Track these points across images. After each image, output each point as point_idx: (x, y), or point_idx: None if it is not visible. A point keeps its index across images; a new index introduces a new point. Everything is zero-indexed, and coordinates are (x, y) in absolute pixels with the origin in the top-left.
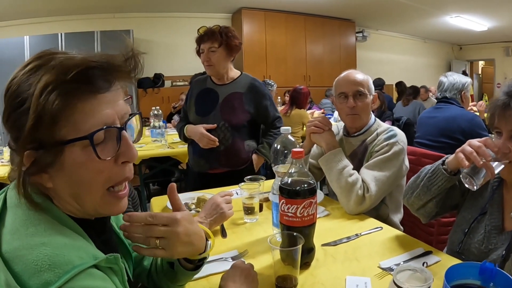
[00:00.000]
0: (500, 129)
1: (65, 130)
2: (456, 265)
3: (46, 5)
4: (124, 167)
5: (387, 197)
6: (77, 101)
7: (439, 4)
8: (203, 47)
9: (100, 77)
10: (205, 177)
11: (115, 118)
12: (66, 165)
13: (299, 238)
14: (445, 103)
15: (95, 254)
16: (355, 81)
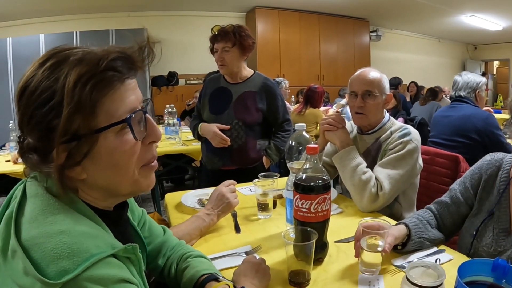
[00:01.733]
0: None
1: (100, 117)
2: (469, 261)
3: (62, 3)
4: (151, 147)
5: (400, 195)
6: (109, 90)
7: (454, 3)
8: (217, 47)
9: (124, 66)
10: (218, 174)
11: (138, 103)
12: (102, 152)
13: (312, 233)
14: (459, 102)
15: (113, 243)
16: (366, 81)
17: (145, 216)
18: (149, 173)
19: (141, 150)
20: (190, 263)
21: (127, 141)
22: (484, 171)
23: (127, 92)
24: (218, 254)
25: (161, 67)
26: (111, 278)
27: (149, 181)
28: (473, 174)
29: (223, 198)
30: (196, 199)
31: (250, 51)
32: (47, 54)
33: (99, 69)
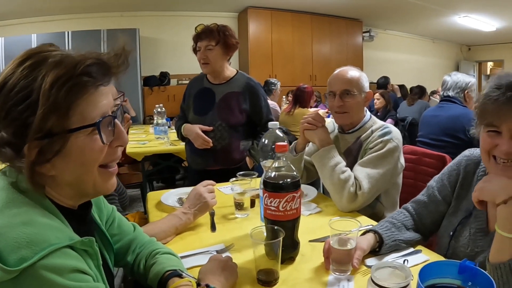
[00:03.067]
0: (498, 128)
1: (73, 119)
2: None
3: (54, 3)
4: (116, 150)
5: (382, 195)
6: (83, 94)
7: (448, 4)
8: (200, 45)
9: (100, 73)
10: (204, 174)
11: (109, 108)
12: (72, 151)
13: (279, 231)
14: (448, 102)
15: (71, 235)
16: (343, 80)
17: (115, 213)
18: (108, 178)
19: (108, 152)
20: (157, 260)
21: (96, 143)
22: (463, 168)
23: (100, 97)
24: (191, 252)
25: (153, 67)
26: (66, 267)
27: (108, 185)
28: (451, 171)
29: (200, 197)
30: (177, 198)
31: (233, 51)
32: (26, 54)
33: (76, 73)
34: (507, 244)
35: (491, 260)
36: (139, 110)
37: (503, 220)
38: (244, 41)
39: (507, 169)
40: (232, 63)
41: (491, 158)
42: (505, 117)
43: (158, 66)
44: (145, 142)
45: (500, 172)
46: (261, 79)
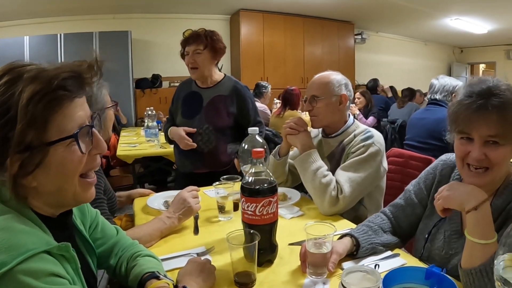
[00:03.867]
0: (470, 135)
1: (51, 132)
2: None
3: (46, 5)
4: (95, 158)
5: (365, 198)
6: (59, 107)
7: (439, 6)
8: (188, 50)
9: (74, 85)
10: (191, 177)
11: (85, 118)
12: (52, 162)
13: (255, 235)
14: (435, 105)
15: (48, 241)
16: (312, 86)
17: (98, 218)
18: (87, 187)
19: (87, 161)
20: (138, 262)
21: (74, 154)
22: (439, 172)
23: (76, 108)
24: (173, 255)
25: (145, 70)
26: (43, 272)
27: (88, 195)
28: (427, 174)
29: (185, 202)
30: (163, 201)
31: (221, 55)
32: (3, 70)
33: (51, 88)
34: (477, 250)
35: (463, 265)
36: (131, 112)
37: (473, 226)
38: (236, 43)
39: (479, 176)
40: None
41: (464, 165)
42: (476, 124)
43: (150, 69)
44: (136, 145)
45: (472, 179)
46: (252, 81)
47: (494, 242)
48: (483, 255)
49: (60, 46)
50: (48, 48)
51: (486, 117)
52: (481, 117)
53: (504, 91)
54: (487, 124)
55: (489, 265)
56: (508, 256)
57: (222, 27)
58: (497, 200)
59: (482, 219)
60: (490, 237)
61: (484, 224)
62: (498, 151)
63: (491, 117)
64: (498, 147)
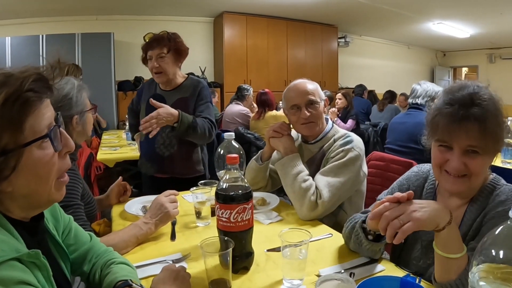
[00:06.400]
0: (449, 144)
1: (26, 133)
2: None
3: (28, 6)
4: (66, 158)
5: (346, 203)
6: (32, 108)
7: (422, 11)
8: (151, 54)
9: (41, 87)
10: (153, 180)
11: (52, 119)
12: (27, 164)
13: (229, 242)
14: (415, 109)
15: (17, 248)
16: (306, 91)
17: (71, 223)
18: (61, 186)
19: (59, 162)
20: (111, 269)
21: (48, 153)
22: (412, 183)
23: (45, 109)
24: (148, 262)
25: (127, 72)
26: (12, 280)
27: (62, 192)
28: (400, 185)
29: (162, 207)
30: (141, 206)
31: (184, 57)
32: None
33: (22, 90)
34: (452, 264)
35: (439, 279)
36: (112, 115)
37: (445, 242)
38: (219, 46)
39: (457, 181)
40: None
41: (442, 171)
42: (456, 134)
43: (132, 71)
44: (117, 148)
45: (452, 185)
46: (235, 84)
47: (465, 254)
48: (458, 268)
49: (42, 47)
50: (30, 49)
51: (467, 127)
52: (462, 128)
53: (485, 100)
54: (467, 135)
55: (464, 277)
56: (483, 266)
57: (205, 29)
58: (472, 206)
59: (454, 234)
60: (461, 250)
61: (456, 239)
62: (477, 160)
63: (472, 128)
64: (477, 156)
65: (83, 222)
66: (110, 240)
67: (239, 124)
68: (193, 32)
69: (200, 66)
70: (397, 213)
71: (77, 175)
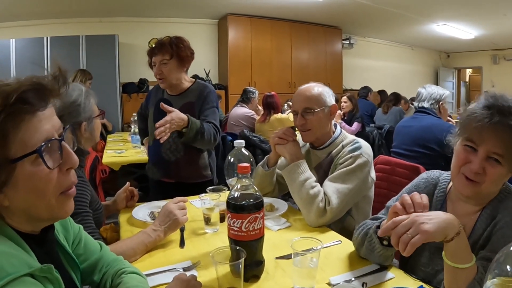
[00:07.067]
0: (476, 146)
1: (15, 148)
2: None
3: (33, 8)
4: (69, 174)
5: (353, 209)
6: (21, 121)
7: (426, 12)
8: (155, 60)
9: (36, 98)
10: (160, 185)
11: (53, 132)
12: (20, 180)
13: (241, 252)
14: (422, 113)
15: (30, 263)
16: (303, 98)
17: (81, 233)
18: (66, 201)
19: (58, 177)
20: (122, 279)
21: (42, 169)
22: (421, 190)
23: (40, 122)
24: (157, 270)
25: (132, 74)
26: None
27: (67, 208)
28: (409, 192)
29: (170, 214)
30: (148, 211)
31: (189, 63)
32: None
33: (9, 102)
34: (461, 274)
35: None
36: (117, 117)
37: (454, 253)
38: (224, 48)
39: (469, 185)
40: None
41: (460, 172)
42: (487, 137)
43: (137, 73)
44: (122, 151)
45: (465, 188)
46: (240, 86)
47: (474, 264)
48: (467, 278)
49: (46, 49)
50: (34, 51)
51: (498, 134)
52: (493, 133)
53: None
54: (496, 141)
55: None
56: (497, 280)
57: (210, 31)
58: (483, 215)
59: (463, 244)
60: (470, 260)
61: (464, 249)
62: (496, 169)
63: (503, 136)
64: (497, 166)
65: (92, 230)
66: (119, 247)
67: (244, 127)
68: (197, 34)
69: (204, 68)
70: (406, 228)
71: (85, 182)
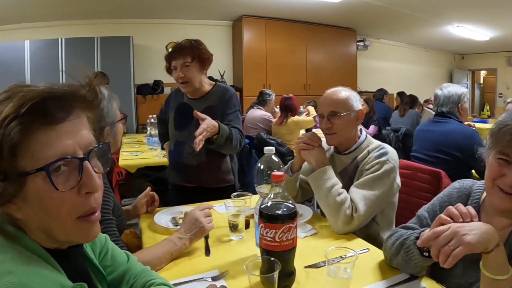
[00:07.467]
0: (510, 159)
1: (25, 161)
2: None
3: (47, 9)
4: (88, 198)
5: (378, 215)
6: (34, 133)
7: (441, 14)
8: (175, 64)
9: (56, 108)
10: (181, 189)
11: (76, 149)
12: (30, 196)
13: (276, 263)
14: (442, 117)
15: (61, 282)
16: (330, 102)
17: (108, 243)
18: (85, 226)
19: (75, 200)
20: None
21: (53, 188)
22: (454, 200)
23: (59, 136)
24: (184, 279)
25: (146, 75)
26: None
27: (87, 234)
28: (442, 202)
29: (196, 222)
30: (170, 217)
31: (209, 65)
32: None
33: (22, 110)
34: (498, 286)
35: None
36: (132, 118)
37: (492, 264)
38: (238, 50)
39: (507, 199)
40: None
41: (495, 185)
42: None
43: (151, 75)
44: (138, 153)
45: (499, 201)
46: (254, 88)
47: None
48: None
49: (61, 50)
50: (48, 52)
51: None
52: None
53: None
54: None
55: None
56: None
57: (224, 33)
58: None
59: (502, 256)
60: (507, 271)
61: (503, 260)
62: None
63: None
64: None
65: (115, 238)
66: (144, 256)
67: (261, 129)
68: (212, 36)
69: (219, 70)
70: (447, 240)
71: (108, 188)
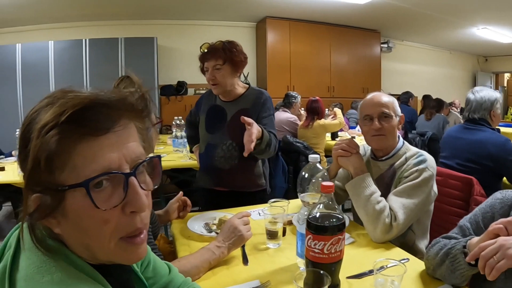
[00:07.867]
0: None
1: (64, 175)
2: None
3: (72, 10)
4: (134, 217)
5: (414, 223)
6: (74, 144)
7: (467, 16)
8: (207, 65)
9: (100, 117)
10: (211, 193)
11: (121, 163)
12: (69, 211)
13: (325, 277)
14: (473, 124)
15: None
16: (380, 103)
17: (150, 254)
18: (129, 248)
19: (118, 219)
20: None
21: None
22: (497, 211)
23: (103, 149)
24: None
25: (170, 76)
26: None
27: (130, 256)
28: (484, 213)
29: (235, 230)
30: (203, 223)
31: (243, 67)
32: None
33: (61, 119)
34: None
35: None
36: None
37: None
38: (262, 51)
39: None
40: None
41: None
42: None
43: (175, 75)
44: (164, 155)
45: None
46: (278, 90)
47: None
48: None
49: (85, 51)
50: (73, 53)
51: None
52: None
53: None
54: None
55: None
56: None
57: (248, 34)
58: None
59: None
60: None
61: None
62: None
63: None
64: None
65: (152, 246)
66: (182, 266)
67: (287, 132)
68: (235, 37)
69: (243, 72)
70: (494, 252)
71: None
